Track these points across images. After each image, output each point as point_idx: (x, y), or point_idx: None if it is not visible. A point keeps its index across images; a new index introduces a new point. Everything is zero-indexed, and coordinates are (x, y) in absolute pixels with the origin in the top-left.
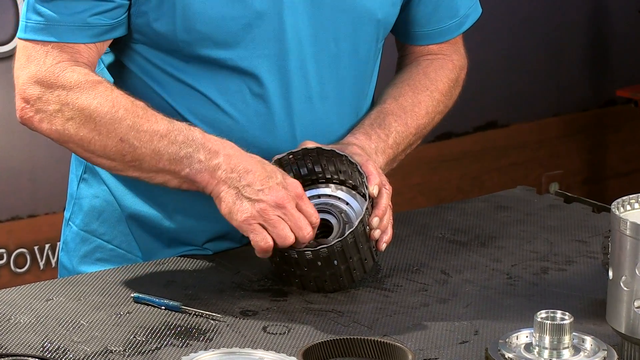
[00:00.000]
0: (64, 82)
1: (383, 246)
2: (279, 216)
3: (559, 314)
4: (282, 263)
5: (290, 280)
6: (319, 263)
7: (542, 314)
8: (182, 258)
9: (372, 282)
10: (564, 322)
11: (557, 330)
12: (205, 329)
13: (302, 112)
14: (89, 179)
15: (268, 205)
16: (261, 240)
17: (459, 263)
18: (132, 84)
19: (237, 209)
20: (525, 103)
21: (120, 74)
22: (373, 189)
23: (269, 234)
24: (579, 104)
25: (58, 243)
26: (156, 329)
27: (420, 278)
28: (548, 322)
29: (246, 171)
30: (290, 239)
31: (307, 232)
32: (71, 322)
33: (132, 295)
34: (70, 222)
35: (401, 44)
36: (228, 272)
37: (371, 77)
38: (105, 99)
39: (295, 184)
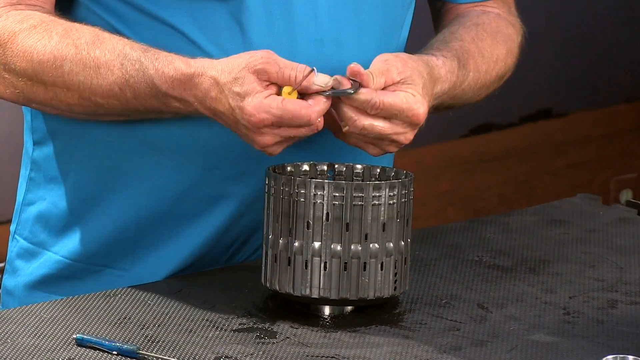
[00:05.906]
0: None
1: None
2: (276, 139)
3: (630, 359)
4: None
5: None
6: None
7: (609, 359)
8: (138, 289)
9: (387, 319)
10: None
11: None
12: None
13: (309, 57)
14: (36, 178)
15: (259, 143)
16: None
17: (501, 294)
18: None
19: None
20: (588, 86)
21: (76, 14)
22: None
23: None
24: None
25: None
26: None
27: (451, 314)
28: None
29: (218, 117)
30: (304, 133)
31: (313, 119)
32: None
33: (74, 336)
34: (16, 236)
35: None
36: (199, 305)
37: (401, 28)
38: (45, 48)
39: (249, 109)
